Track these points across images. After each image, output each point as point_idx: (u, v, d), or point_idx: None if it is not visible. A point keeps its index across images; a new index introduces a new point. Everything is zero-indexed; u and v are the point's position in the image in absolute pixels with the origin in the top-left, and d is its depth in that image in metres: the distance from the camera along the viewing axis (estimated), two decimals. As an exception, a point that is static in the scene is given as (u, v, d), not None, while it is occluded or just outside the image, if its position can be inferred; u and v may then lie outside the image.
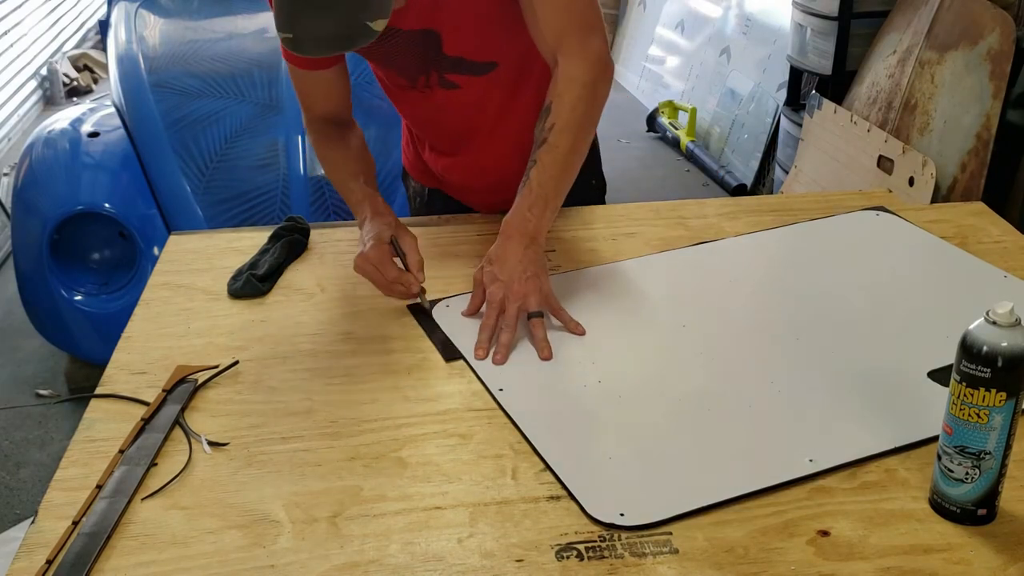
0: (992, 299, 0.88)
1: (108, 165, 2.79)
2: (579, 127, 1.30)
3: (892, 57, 2.91)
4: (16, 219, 2.79)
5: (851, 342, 1.22)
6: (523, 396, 1.13)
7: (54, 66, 5.33)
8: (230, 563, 0.90)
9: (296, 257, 1.47)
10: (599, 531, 0.93)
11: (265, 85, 2.96)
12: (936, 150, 2.67)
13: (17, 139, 4.71)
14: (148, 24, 3.36)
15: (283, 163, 2.74)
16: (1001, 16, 2.57)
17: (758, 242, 1.49)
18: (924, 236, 1.49)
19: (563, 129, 1.28)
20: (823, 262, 1.43)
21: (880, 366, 1.17)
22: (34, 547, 0.92)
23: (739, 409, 1.10)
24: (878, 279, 1.38)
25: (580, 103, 1.29)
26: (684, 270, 1.41)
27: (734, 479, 0.98)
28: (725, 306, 1.32)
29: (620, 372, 1.17)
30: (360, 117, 1.57)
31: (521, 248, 1.25)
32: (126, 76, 3.06)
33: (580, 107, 1.29)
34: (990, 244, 1.48)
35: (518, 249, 1.25)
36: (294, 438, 1.07)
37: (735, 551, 0.90)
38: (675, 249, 1.46)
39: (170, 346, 1.25)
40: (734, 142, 4.24)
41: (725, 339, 1.24)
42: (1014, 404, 0.87)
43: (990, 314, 0.86)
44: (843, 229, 1.53)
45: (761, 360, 1.19)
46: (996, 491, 0.92)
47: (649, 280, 1.38)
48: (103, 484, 0.99)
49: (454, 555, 0.90)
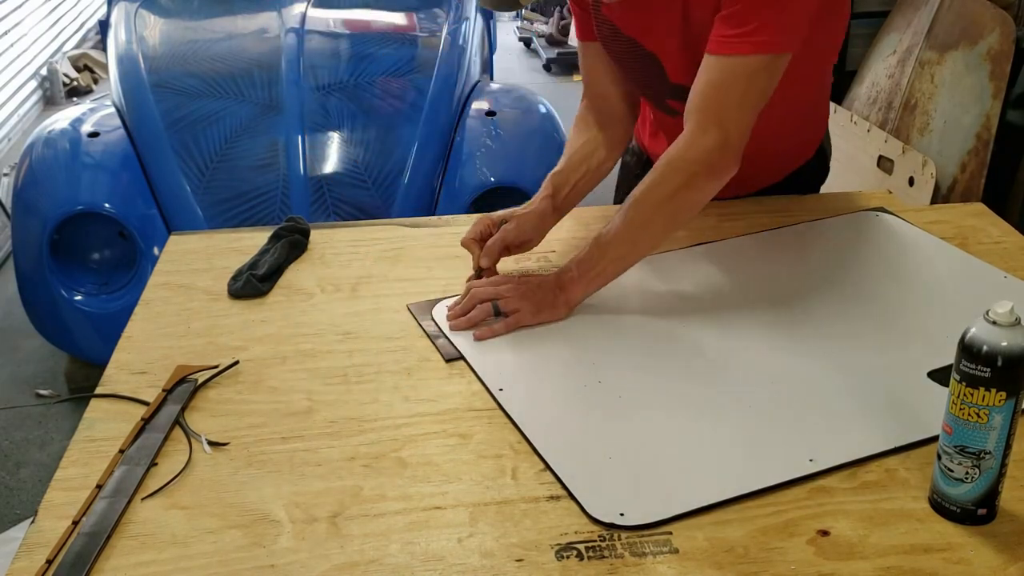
0: (992, 299, 0.88)
1: (108, 165, 2.79)
2: (656, 206, 1.25)
3: (892, 57, 2.91)
4: (16, 219, 2.78)
5: (851, 342, 1.22)
6: (523, 396, 1.13)
7: (54, 66, 5.33)
8: (230, 563, 0.90)
9: (296, 257, 1.47)
10: (599, 531, 0.93)
11: (265, 85, 2.96)
12: (936, 150, 2.67)
13: (17, 139, 4.71)
14: (148, 24, 3.36)
15: (283, 163, 2.74)
16: (1001, 16, 2.57)
17: (758, 243, 1.49)
18: (924, 237, 1.49)
19: (637, 202, 1.26)
20: (823, 263, 1.43)
21: (880, 366, 1.17)
22: (34, 547, 0.92)
23: (739, 409, 1.10)
24: (878, 280, 1.38)
25: (665, 184, 1.25)
26: (684, 271, 1.41)
27: (735, 479, 0.98)
28: (725, 306, 1.32)
29: (620, 372, 1.17)
30: (360, 117, 1.57)
31: (549, 289, 1.26)
32: (126, 76, 3.06)
33: (664, 188, 1.25)
34: (990, 245, 1.48)
35: (543, 282, 1.27)
36: (294, 438, 1.07)
37: (735, 551, 0.90)
38: (674, 250, 1.46)
39: (170, 346, 1.25)
40: (734, 142, 4.23)
41: (725, 339, 1.24)
42: (1014, 404, 0.87)
43: (990, 314, 0.86)
44: (843, 230, 1.53)
45: (761, 360, 1.19)
46: (996, 491, 0.92)
47: (649, 280, 1.38)
48: (103, 484, 0.99)
49: (454, 555, 0.90)
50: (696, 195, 1.27)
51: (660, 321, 1.29)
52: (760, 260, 1.46)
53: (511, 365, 1.19)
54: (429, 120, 2.88)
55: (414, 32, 3.38)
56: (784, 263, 1.45)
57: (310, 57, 3.07)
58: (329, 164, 2.78)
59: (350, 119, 2.86)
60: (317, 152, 2.79)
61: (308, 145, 2.78)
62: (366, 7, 3.55)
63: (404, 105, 2.96)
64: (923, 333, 1.23)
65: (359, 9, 3.54)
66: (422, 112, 2.91)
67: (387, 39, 3.31)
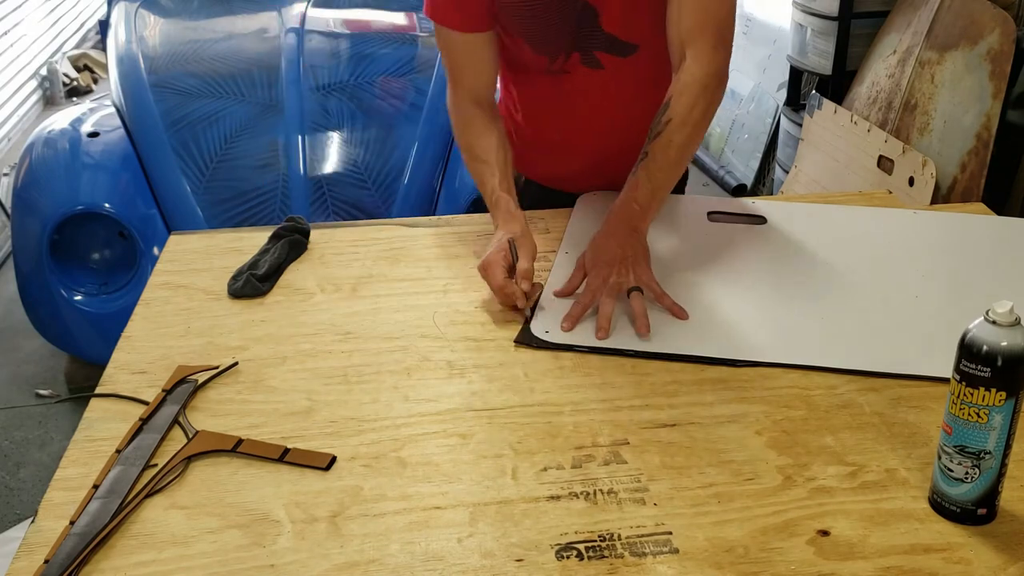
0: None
1: (108, 165, 2.79)
2: (695, 126, 1.34)
3: (892, 57, 2.91)
4: (16, 219, 2.79)
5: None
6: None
7: (54, 66, 5.33)
8: (230, 563, 0.90)
9: (296, 257, 1.47)
10: (599, 531, 0.93)
11: (265, 85, 2.96)
12: (936, 150, 2.67)
13: (17, 139, 4.71)
14: (148, 24, 3.36)
15: (283, 163, 2.74)
16: (1001, 16, 2.57)
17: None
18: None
19: (680, 125, 1.32)
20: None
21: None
22: (34, 547, 0.92)
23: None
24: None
25: (700, 103, 1.33)
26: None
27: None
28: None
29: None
30: (360, 117, 1.57)
31: (624, 235, 1.30)
32: (126, 76, 3.06)
33: (699, 107, 1.33)
34: (990, 244, 1.48)
35: (621, 236, 1.30)
36: (294, 438, 1.07)
37: (735, 551, 0.90)
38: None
39: (170, 346, 1.25)
40: (734, 142, 4.24)
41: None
42: (1014, 404, 0.87)
43: (990, 313, 0.86)
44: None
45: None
46: (996, 491, 0.92)
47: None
48: (99, 484, 0.99)
49: (454, 555, 0.90)
50: (717, 108, 1.37)
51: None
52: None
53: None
54: (429, 120, 2.89)
55: (414, 32, 3.38)
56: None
57: (310, 57, 3.07)
58: (329, 164, 2.78)
59: (350, 119, 2.86)
60: (317, 152, 2.79)
61: (308, 145, 2.78)
62: (366, 7, 3.56)
63: (404, 105, 2.96)
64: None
65: (359, 9, 3.54)
66: (422, 112, 2.91)
67: (387, 39, 3.31)
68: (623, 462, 1.02)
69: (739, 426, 1.08)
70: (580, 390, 1.14)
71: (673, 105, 1.33)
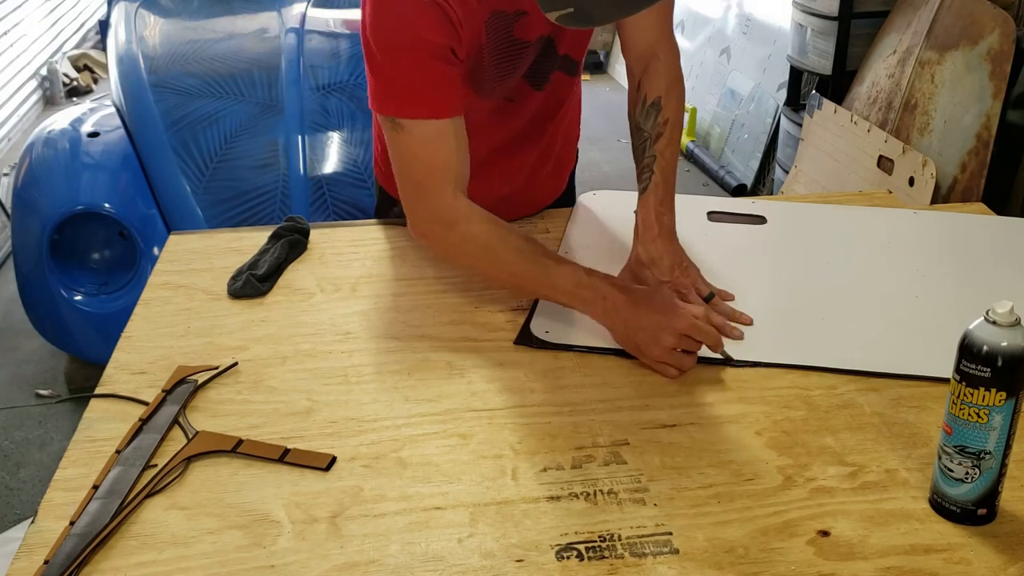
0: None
1: (108, 165, 2.79)
2: (682, 123, 1.40)
3: (892, 57, 2.91)
4: (16, 219, 2.79)
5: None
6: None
7: (54, 66, 5.33)
8: (230, 563, 0.90)
9: (296, 257, 1.47)
10: (599, 531, 0.93)
11: (265, 85, 2.96)
12: (936, 150, 2.67)
13: (17, 139, 4.71)
14: (148, 24, 3.36)
15: (283, 163, 2.74)
16: (1001, 16, 2.57)
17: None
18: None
19: (676, 124, 1.38)
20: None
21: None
22: (34, 547, 0.92)
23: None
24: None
25: (681, 99, 1.40)
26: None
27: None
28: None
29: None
30: (360, 117, 1.57)
31: (667, 244, 1.32)
32: (126, 76, 3.06)
33: (681, 103, 1.40)
34: (990, 244, 1.48)
35: (667, 246, 1.32)
36: (294, 438, 1.07)
37: (735, 551, 0.90)
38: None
39: (170, 346, 1.25)
40: (734, 142, 4.24)
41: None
42: (1014, 404, 0.87)
43: (990, 314, 0.86)
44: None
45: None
46: (996, 491, 0.92)
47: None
48: (99, 484, 0.99)
49: (454, 555, 0.90)
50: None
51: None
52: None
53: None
54: (429, 120, 2.88)
55: (414, 32, 3.38)
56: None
57: (310, 57, 3.07)
58: (329, 164, 2.78)
59: (350, 119, 2.86)
60: (317, 152, 2.79)
61: (308, 145, 2.78)
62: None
63: (404, 105, 2.95)
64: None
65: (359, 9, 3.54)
66: (422, 112, 2.90)
67: (387, 39, 3.30)
68: (623, 462, 1.02)
69: (739, 426, 1.08)
70: (580, 390, 1.14)
71: (666, 105, 1.36)
